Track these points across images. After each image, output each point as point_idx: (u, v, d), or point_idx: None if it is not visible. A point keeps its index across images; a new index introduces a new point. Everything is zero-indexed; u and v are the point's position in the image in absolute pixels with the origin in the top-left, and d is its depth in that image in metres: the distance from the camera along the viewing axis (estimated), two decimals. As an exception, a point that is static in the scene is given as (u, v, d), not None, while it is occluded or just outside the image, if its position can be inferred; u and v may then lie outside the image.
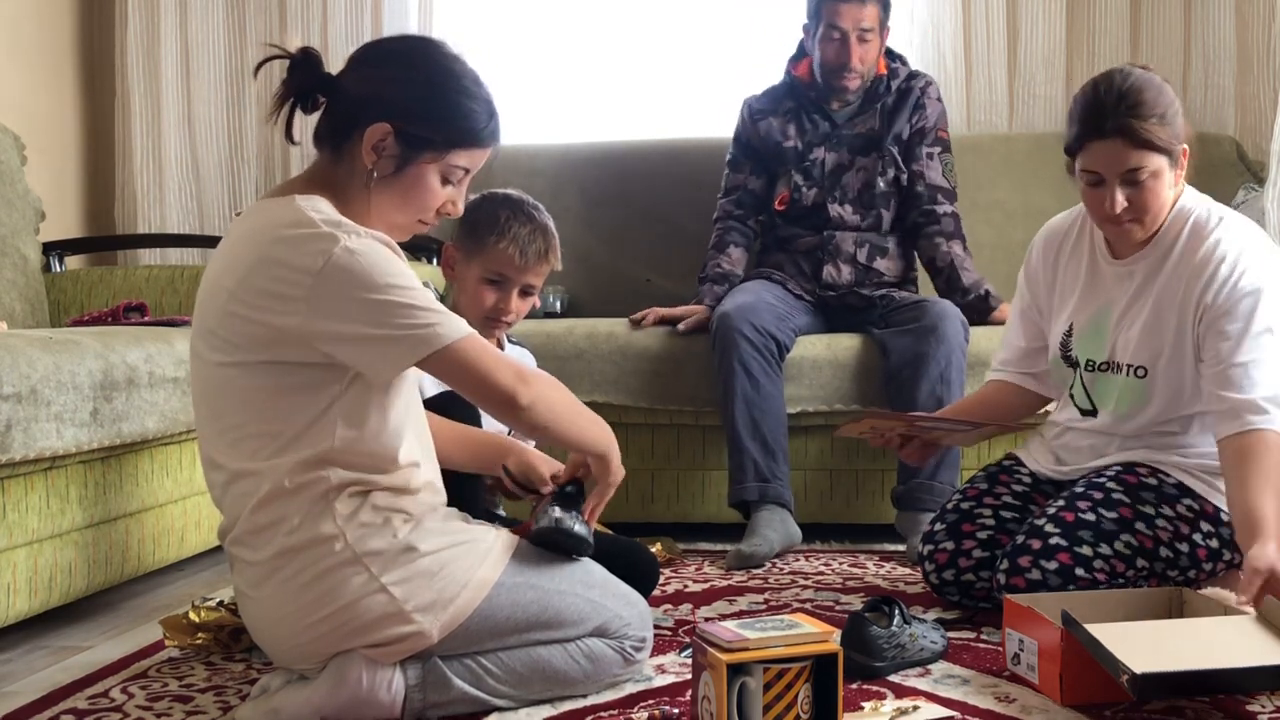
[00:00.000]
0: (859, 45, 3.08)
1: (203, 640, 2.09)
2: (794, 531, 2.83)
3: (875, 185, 3.14)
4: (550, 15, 3.98)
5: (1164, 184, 2.08)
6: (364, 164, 1.70)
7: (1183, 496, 2.14)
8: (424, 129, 1.70)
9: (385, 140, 1.69)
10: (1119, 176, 2.06)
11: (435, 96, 1.71)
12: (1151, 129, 2.03)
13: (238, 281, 1.64)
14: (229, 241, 1.74)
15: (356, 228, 1.63)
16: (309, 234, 1.61)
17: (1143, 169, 2.05)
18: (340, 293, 1.59)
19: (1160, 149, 2.04)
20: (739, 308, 2.93)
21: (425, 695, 1.70)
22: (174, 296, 3.35)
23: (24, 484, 2.12)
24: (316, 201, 1.67)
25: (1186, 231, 2.14)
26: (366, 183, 1.71)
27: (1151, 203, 2.08)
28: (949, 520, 2.31)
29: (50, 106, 3.88)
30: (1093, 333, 2.24)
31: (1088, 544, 2.07)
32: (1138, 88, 2.05)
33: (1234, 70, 3.69)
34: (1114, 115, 2.04)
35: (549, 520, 1.82)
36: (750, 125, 3.26)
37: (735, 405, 2.86)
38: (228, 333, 1.65)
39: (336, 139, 1.72)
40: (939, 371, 2.83)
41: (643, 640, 1.85)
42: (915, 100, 3.16)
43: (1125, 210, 2.08)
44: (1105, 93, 2.06)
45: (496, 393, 1.66)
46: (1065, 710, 1.77)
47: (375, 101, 1.69)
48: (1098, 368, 2.23)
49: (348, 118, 1.70)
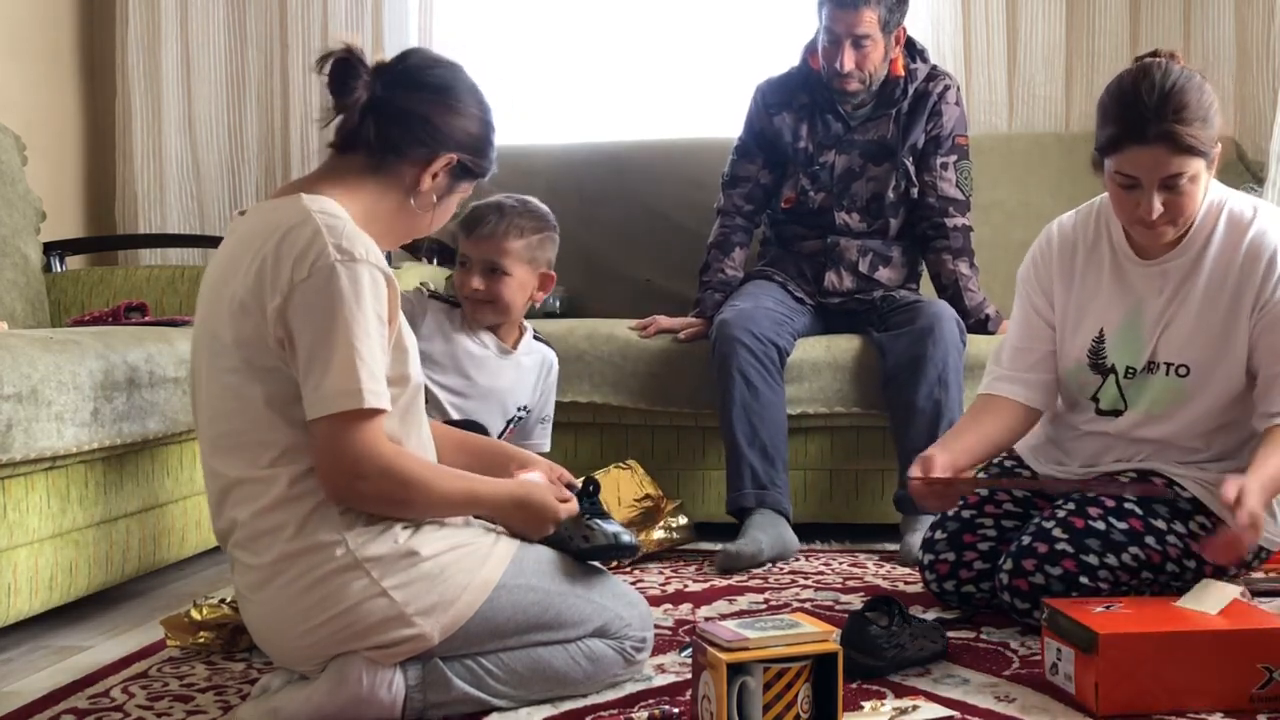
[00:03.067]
0: (853, 51, 2.98)
1: (205, 639, 2.10)
2: (789, 539, 2.79)
3: (885, 196, 3.10)
4: (550, 15, 3.98)
5: (1201, 186, 2.02)
6: (410, 183, 1.76)
7: (1196, 513, 2.10)
8: (475, 164, 1.82)
9: (448, 171, 1.78)
10: (1160, 182, 1.98)
11: (485, 134, 1.83)
12: (1196, 134, 1.95)
13: (240, 287, 1.65)
14: (230, 243, 1.74)
15: (363, 252, 1.63)
16: (310, 234, 1.62)
17: (1183, 174, 1.98)
18: (315, 303, 1.60)
19: (1202, 153, 1.98)
20: (738, 315, 2.91)
21: (426, 695, 1.70)
22: (174, 296, 3.35)
23: (24, 484, 2.13)
24: (324, 201, 1.68)
25: (1222, 225, 2.09)
26: (403, 198, 1.77)
27: (1188, 206, 2.02)
28: (950, 529, 2.28)
29: (50, 106, 3.88)
30: (1129, 337, 2.16)
31: (1095, 553, 2.05)
32: (1181, 89, 1.96)
33: (1234, 70, 3.68)
34: (1158, 120, 1.95)
35: (606, 537, 1.83)
36: (764, 115, 3.18)
37: (734, 412, 2.84)
38: (231, 338, 1.65)
39: (384, 151, 1.74)
40: (936, 374, 2.82)
41: (643, 641, 1.86)
42: (932, 106, 3.08)
43: (1161, 215, 2.01)
44: (1147, 94, 1.97)
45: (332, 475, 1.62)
46: (1066, 710, 1.77)
47: (442, 131, 1.76)
48: (1138, 373, 2.15)
49: (407, 136, 1.74)
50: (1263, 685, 1.75)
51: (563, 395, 3.06)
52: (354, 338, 1.59)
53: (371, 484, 1.62)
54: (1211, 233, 2.10)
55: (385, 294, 1.65)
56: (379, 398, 1.61)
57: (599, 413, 3.10)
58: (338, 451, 1.60)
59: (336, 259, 1.60)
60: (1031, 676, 1.91)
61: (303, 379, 1.62)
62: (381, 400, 1.62)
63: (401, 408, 1.71)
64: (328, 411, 1.59)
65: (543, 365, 2.64)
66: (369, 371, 1.60)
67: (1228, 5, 3.68)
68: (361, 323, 1.60)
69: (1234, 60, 3.68)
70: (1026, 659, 2.00)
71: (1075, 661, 1.78)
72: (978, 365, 2.95)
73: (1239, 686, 1.75)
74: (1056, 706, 1.78)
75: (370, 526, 1.66)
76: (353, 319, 1.59)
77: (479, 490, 1.78)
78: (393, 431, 1.68)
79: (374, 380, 1.60)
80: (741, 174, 3.22)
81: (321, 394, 1.59)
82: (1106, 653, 1.73)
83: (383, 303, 1.64)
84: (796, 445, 3.03)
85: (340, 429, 1.60)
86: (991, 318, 3.11)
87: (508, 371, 2.56)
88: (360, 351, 1.59)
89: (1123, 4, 3.75)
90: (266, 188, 4.01)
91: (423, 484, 1.68)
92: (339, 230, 1.63)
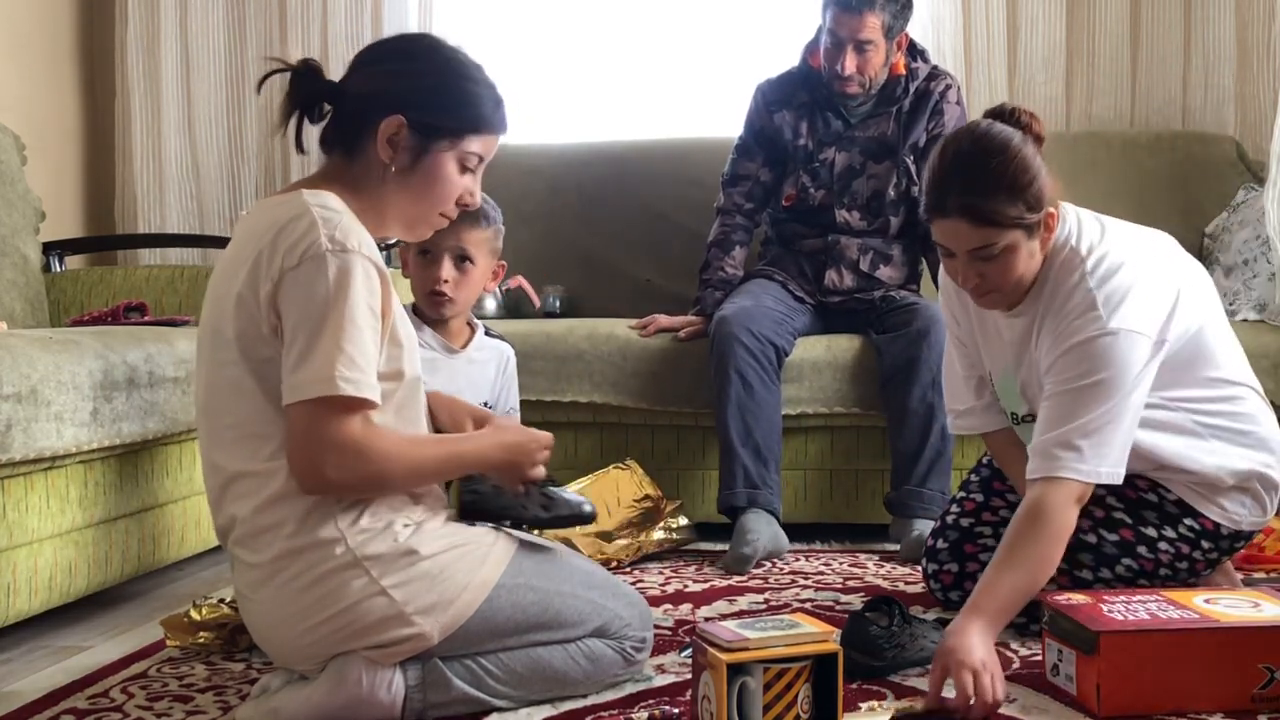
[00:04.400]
0: (855, 55, 2.98)
1: (204, 639, 2.09)
2: (780, 538, 2.80)
3: (885, 194, 3.10)
4: (549, 15, 3.98)
5: (1021, 256, 1.93)
6: (380, 159, 1.71)
7: (1184, 515, 2.09)
8: (436, 117, 1.71)
9: (400, 133, 1.70)
10: (967, 255, 1.93)
11: (442, 85, 1.73)
12: (996, 207, 1.87)
13: (239, 281, 1.65)
14: (234, 242, 1.74)
15: (356, 244, 1.62)
16: (305, 226, 1.61)
17: (993, 244, 1.90)
18: (303, 290, 1.59)
19: (1009, 225, 1.89)
20: (738, 313, 2.91)
21: (425, 696, 1.70)
22: (174, 296, 3.35)
23: (24, 484, 2.12)
24: (324, 197, 1.67)
25: (1056, 270, 1.99)
26: (383, 177, 1.72)
27: (1008, 275, 1.95)
28: (950, 539, 2.28)
29: (50, 106, 3.88)
30: (1006, 388, 2.15)
31: (1088, 568, 2.06)
32: (983, 155, 1.88)
33: (1234, 70, 3.68)
34: (954, 192, 1.89)
35: (569, 506, 1.85)
36: (764, 113, 3.18)
37: (728, 411, 2.84)
38: (233, 332, 1.65)
39: (348, 140, 1.73)
40: (930, 377, 2.82)
41: (643, 641, 1.85)
42: (934, 105, 3.08)
43: (980, 284, 1.96)
44: (951, 164, 1.91)
45: (317, 471, 1.60)
46: (1066, 710, 1.77)
47: (384, 96, 1.70)
48: (1022, 419, 2.14)
49: (357, 117, 1.71)
50: (1264, 685, 1.75)
51: (562, 395, 3.07)
52: (340, 326, 1.58)
53: (341, 471, 1.59)
54: (1049, 279, 2.00)
55: (378, 287, 1.64)
56: (358, 386, 1.58)
57: (599, 413, 3.10)
58: (309, 437, 1.58)
59: (328, 248, 1.60)
60: (1032, 676, 1.91)
61: (284, 364, 1.61)
62: (362, 390, 1.58)
63: (397, 402, 1.71)
64: (302, 397, 1.57)
65: (500, 360, 2.55)
66: (348, 359, 1.57)
67: (1228, 5, 3.68)
68: (348, 313, 1.58)
69: (1234, 60, 3.68)
70: (1026, 659, 2.00)
71: (1076, 662, 1.78)
72: (978, 365, 2.95)
73: (1240, 686, 1.75)
74: (1057, 707, 1.78)
75: (371, 525, 1.66)
76: (340, 307, 1.58)
77: (462, 449, 1.75)
78: (387, 426, 1.68)
79: (354, 369, 1.58)
80: (742, 172, 3.22)
81: (296, 379, 1.58)
82: (1107, 653, 1.73)
83: (375, 295, 1.63)
84: (796, 445, 3.03)
85: (314, 416, 1.57)
86: None
87: (458, 371, 2.46)
88: (343, 340, 1.57)
89: (1123, 4, 3.75)
90: (266, 188, 4.01)
91: (397, 457, 1.64)
92: (334, 223, 1.63)
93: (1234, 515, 2.08)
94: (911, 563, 2.71)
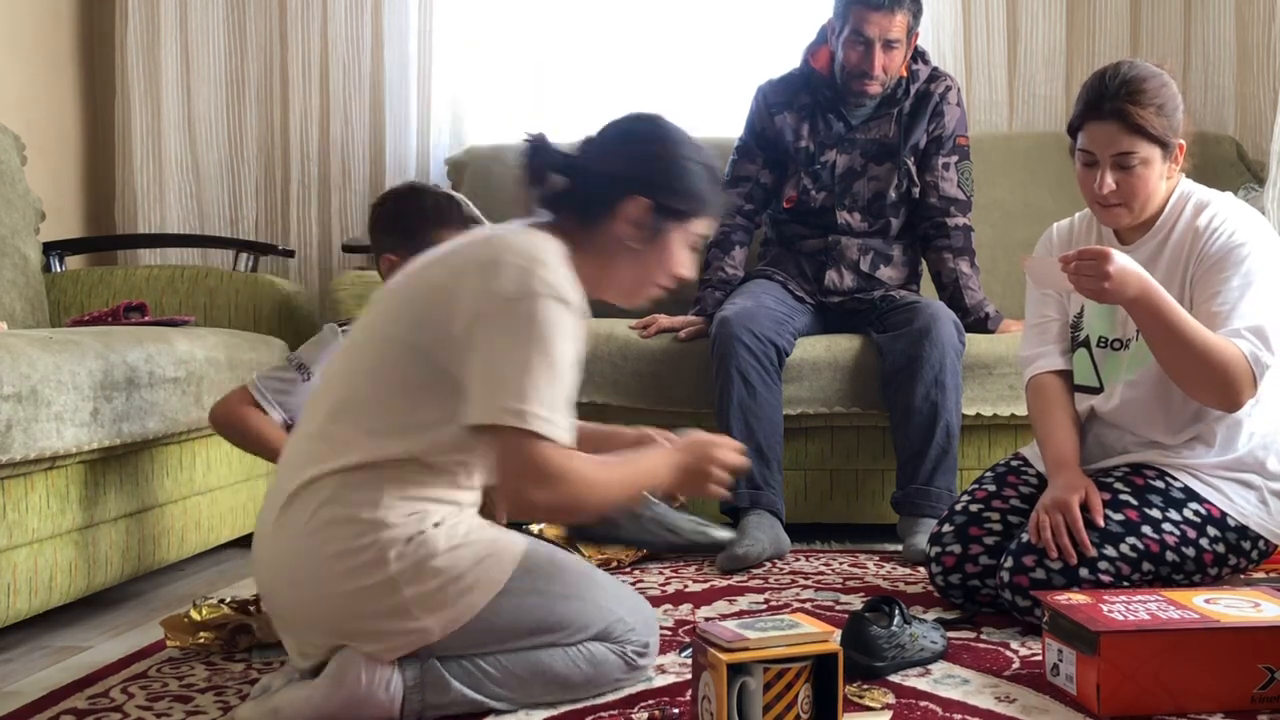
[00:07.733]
0: (883, 54, 2.98)
1: (204, 639, 2.09)
2: (783, 540, 2.80)
3: (887, 195, 3.10)
4: (550, 16, 3.98)
5: (1154, 173, 2.14)
6: (616, 233, 1.81)
7: (1189, 500, 2.13)
8: (675, 201, 1.83)
9: (645, 214, 1.80)
10: (1111, 159, 2.12)
11: (682, 171, 1.85)
12: (1147, 116, 2.11)
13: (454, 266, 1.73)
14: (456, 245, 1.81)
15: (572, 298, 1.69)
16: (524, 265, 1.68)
17: (1134, 154, 2.12)
18: (507, 326, 1.65)
19: (1153, 137, 2.12)
20: (738, 313, 2.91)
21: (424, 696, 1.70)
22: (174, 296, 3.35)
23: (24, 484, 2.12)
24: (550, 242, 1.74)
25: (1188, 212, 2.19)
26: (617, 249, 1.82)
27: (1140, 189, 2.14)
28: (957, 522, 2.30)
29: (50, 106, 3.88)
30: (1103, 311, 2.26)
31: (1093, 544, 2.08)
32: (1140, 77, 2.14)
33: (1234, 70, 3.69)
34: (1112, 99, 2.12)
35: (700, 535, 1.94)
36: (765, 115, 3.18)
37: (730, 411, 2.84)
38: (413, 320, 1.71)
39: (585, 210, 1.82)
40: (933, 375, 2.82)
41: (646, 646, 1.85)
42: (934, 106, 3.09)
43: (1113, 193, 2.14)
44: (1110, 77, 2.15)
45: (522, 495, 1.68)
46: (1067, 710, 1.77)
47: (628, 178, 1.82)
48: (1110, 344, 2.25)
49: (599, 192, 1.82)
50: (1264, 685, 1.75)
51: (563, 395, 3.06)
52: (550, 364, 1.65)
53: (546, 494, 1.66)
54: (1178, 220, 2.19)
55: (582, 344, 1.73)
56: (552, 426, 1.65)
57: (599, 413, 3.10)
58: (516, 464, 1.65)
59: (547, 294, 1.66)
60: (1032, 676, 1.91)
61: (482, 385, 1.65)
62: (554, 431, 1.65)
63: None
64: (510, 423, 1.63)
65: None
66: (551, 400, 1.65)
67: (1228, 5, 3.68)
68: (554, 356, 1.66)
69: (1234, 60, 3.68)
70: (1027, 659, 2.00)
71: (1076, 662, 1.78)
72: (976, 366, 2.95)
73: (1240, 686, 1.75)
74: (1057, 707, 1.78)
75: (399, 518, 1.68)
76: (550, 351, 1.65)
77: (639, 472, 1.82)
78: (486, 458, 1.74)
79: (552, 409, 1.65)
80: (742, 174, 3.22)
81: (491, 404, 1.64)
82: (1108, 653, 1.73)
83: (576, 349, 1.71)
84: (797, 445, 3.02)
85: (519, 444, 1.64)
86: (991, 316, 3.11)
87: None
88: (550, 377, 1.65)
89: (1123, 4, 3.75)
90: (266, 188, 4.02)
91: (592, 484, 1.71)
92: (555, 270, 1.70)
93: (1240, 508, 2.13)
94: (912, 564, 2.71)
